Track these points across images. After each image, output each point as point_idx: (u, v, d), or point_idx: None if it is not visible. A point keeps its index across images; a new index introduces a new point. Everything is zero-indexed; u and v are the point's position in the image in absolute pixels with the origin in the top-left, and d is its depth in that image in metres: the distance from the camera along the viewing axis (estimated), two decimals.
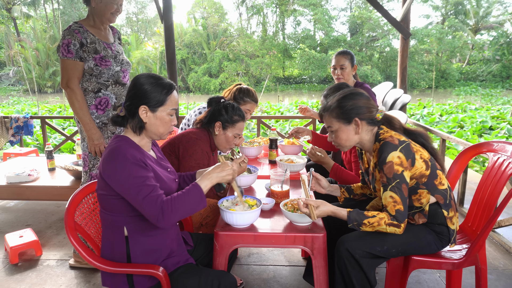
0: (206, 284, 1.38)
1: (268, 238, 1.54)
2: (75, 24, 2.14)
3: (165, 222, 1.29)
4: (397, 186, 1.41)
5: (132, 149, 1.36)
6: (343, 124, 1.53)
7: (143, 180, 1.30)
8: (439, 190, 1.50)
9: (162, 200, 1.30)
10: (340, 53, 2.81)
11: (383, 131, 1.53)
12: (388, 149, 1.42)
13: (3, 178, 3.09)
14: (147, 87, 1.38)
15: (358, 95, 1.54)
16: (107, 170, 1.31)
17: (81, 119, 2.15)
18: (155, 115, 1.40)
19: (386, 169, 1.42)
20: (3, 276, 2.27)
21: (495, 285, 2.14)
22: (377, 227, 1.42)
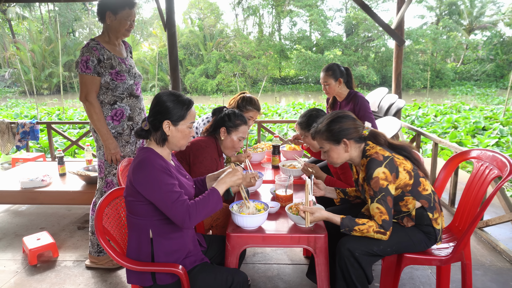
0: (222, 280, 1.55)
1: (275, 238, 1.71)
2: (92, 42, 2.29)
3: (191, 223, 1.48)
4: (382, 198, 1.59)
5: (158, 159, 1.53)
6: (333, 145, 1.72)
7: (172, 187, 1.48)
8: (423, 195, 1.68)
9: (188, 204, 1.48)
10: (323, 70, 2.94)
11: (369, 147, 1.70)
12: (374, 165, 1.60)
13: (17, 184, 3.23)
14: (169, 104, 1.55)
15: (345, 118, 1.72)
16: (138, 178, 1.48)
17: (99, 130, 2.31)
18: (176, 128, 1.57)
19: (373, 183, 1.60)
20: (24, 277, 2.43)
21: (482, 280, 2.32)
22: (366, 233, 1.61)
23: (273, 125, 9.45)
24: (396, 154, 1.70)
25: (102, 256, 2.53)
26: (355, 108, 2.90)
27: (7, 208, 3.66)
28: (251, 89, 26.24)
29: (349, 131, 1.69)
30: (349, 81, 3.02)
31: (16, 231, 3.13)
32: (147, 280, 1.58)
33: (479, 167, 1.88)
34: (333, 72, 2.90)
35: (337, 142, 1.71)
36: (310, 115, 2.28)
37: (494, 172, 1.76)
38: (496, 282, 2.29)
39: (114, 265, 2.52)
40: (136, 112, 2.44)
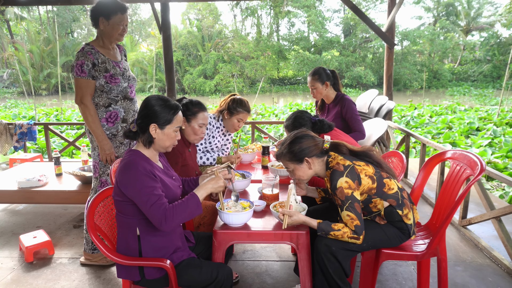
0: (207, 274, 1.64)
1: (259, 235, 1.80)
2: (87, 46, 2.37)
3: (167, 226, 1.55)
4: (350, 205, 1.68)
5: (143, 162, 1.61)
6: (297, 164, 1.81)
7: (151, 190, 1.56)
8: (389, 195, 1.77)
9: (165, 208, 1.56)
10: (310, 75, 3.03)
11: (331, 158, 1.79)
12: (336, 176, 1.69)
13: (14, 184, 3.32)
14: (157, 108, 1.64)
15: (303, 138, 1.80)
16: (123, 180, 1.57)
17: (94, 132, 2.39)
18: (163, 132, 1.66)
19: (338, 193, 1.69)
20: (20, 273, 2.51)
21: (462, 276, 2.41)
22: (341, 238, 1.70)
23: (270, 126, 9.54)
24: (358, 161, 1.79)
25: (97, 253, 2.61)
26: (342, 110, 3.00)
27: (4, 207, 3.74)
28: (249, 89, 26.33)
29: (310, 149, 1.78)
30: (336, 83, 3.11)
31: (13, 229, 3.21)
32: (135, 275, 1.66)
33: (455, 167, 1.97)
34: (320, 76, 2.99)
35: (300, 161, 1.80)
36: (295, 117, 2.37)
37: (467, 172, 1.85)
38: (475, 278, 2.38)
39: (108, 262, 2.60)
40: (130, 114, 2.52)
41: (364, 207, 1.81)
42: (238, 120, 2.78)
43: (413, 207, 1.87)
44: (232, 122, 2.79)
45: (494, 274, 2.43)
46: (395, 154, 2.41)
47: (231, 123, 2.80)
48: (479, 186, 2.75)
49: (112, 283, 2.38)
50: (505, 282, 2.34)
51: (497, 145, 7.69)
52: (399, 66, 25.95)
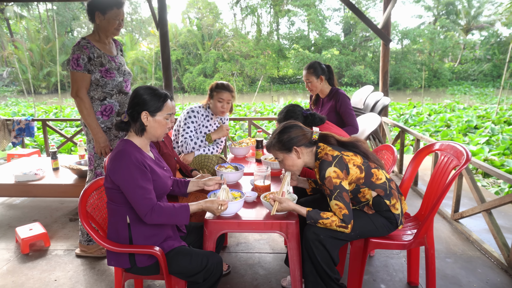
0: (197, 262, 1.66)
1: (249, 224, 1.82)
2: (83, 40, 2.40)
3: (151, 220, 1.60)
4: (339, 195, 1.70)
5: (135, 152, 1.64)
6: (286, 153, 1.84)
7: (141, 183, 1.59)
8: (377, 185, 1.80)
9: (153, 203, 1.60)
10: (305, 69, 3.07)
11: (320, 149, 1.82)
12: (325, 166, 1.72)
13: (11, 177, 3.35)
14: (146, 97, 1.67)
15: (292, 127, 1.84)
16: (113, 168, 1.59)
17: (89, 124, 2.42)
18: (154, 119, 1.69)
19: (327, 183, 1.71)
20: (16, 264, 2.54)
21: (452, 267, 2.44)
22: (329, 227, 1.72)
23: (268, 123, 9.57)
24: (346, 151, 1.81)
25: (92, 245, 2.64)
26: (337, 104, 3.02)
27: (1, 201, 3.77)
28: (249, 88, 26.35)
29: (298, 139, 1.81)
30: (331, 78, 3.14)
31: (10, 222, 3.24)
32: (125, 262, 1.69)
33: (442, 159, 1.99)
34: (315, 70, 3.02)
35: (289, 150, 1.83)
36: (287, 111, 2.40)
37: (454, 162, 1.88)
38: (465, 269, 2.41)
39: (103, 254, 2.63)
40: (125, 108, 2.55)
41: (353, 197, 1.83)
42: (219, 100, 2.82)
43: (401, 197, 1.90)
44: (215, 104, 2.84)
45: (484, 266, 2.45)
46: (386, 148, 2.44)
47: (215, 106, 2.84)
48: (471, 180, 2.78)
49: (106, 274, 2.41)
50: (494, 273, 2.36)
51: (495, 143, 7.71)
52: (399, 65, 25.97)
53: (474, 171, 5.82)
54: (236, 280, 2.32)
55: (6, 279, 2.36)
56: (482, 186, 5.17)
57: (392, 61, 26.77)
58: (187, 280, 1.70)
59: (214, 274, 1.70)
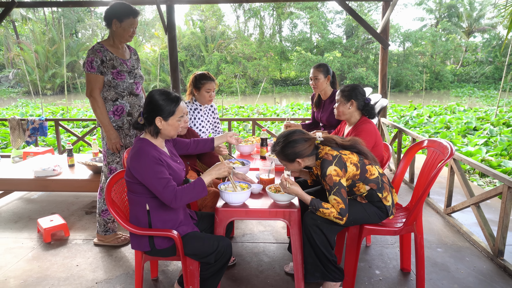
0: (209, 244, 1.87)
1: (256, 212, 2.03)
2: (97, 45, 2.62)
3: (177, 204, 1.79)
4: (337, 191, 1.90)
5: (152, 150, 1.85)
6: (289, 163, 2.04)
7: (161, 175, 1.79)
8: (371, 180, 2.00)
9: (175, 189, 1.80)
10: (315, 66, 3.27)
11: (320, 149, 2.02)
12: (326, 165, 1.92)
13: (31, 173, 3.57)
14: (161, 102, 1.87)
15: (297, 142, 1.99)
16: (134, 166, 1.80)
17: (102, 122, 2.63)
18: (167, 123, 1.90)
19: (327, 180, 1.92)
20: (40, 251, 2.76)
21: (442, 256, 2.63)
22: (327, 216, 1.93)
23: (271, 124, 9.79)
24: (344, 150, 2.00)
25: (109, 235, 2.85)
26: None
27: (20, 195, 4.00)
28: (251, 90, 26.58)
29: (301, 152, 1.99)
30: (333, 81, 3.35)
31: (30, 215, 3.47)
32: (145, 246, 1.91)
33: (430, 154, 2.20)
34: (324, 68, 3.22)
35: (292, 161, 2.03)
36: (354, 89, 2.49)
37: (440, 157, 2.08)
38: (454, 258, 2.61)
39: (119, 243, 2.85)
40: (135, 109, 2.75)
41: (349, 190, 2.04)
42: (207, 91, 3.01)
43: (392, 190, 2.10)
44: (203, 95, 3.01)
45: (472, 255, 2.65)
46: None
47: (202, 97, 3.03)
48: (461, 176, 2.98)
49: (123, 260, 2.62)
50: (481, 261, 2.56)
51: (493, 144, 7.87)
52: (400, 67, 26.14)
53: (472, 171, 6.01)
54: (243, 266, 2.53)
55: (32, 264, 2.58)
56: (479, 185, 5.35)
57: (394, 63, 26.93)
58: (200, 260, 1.90)
59: (224, 256, 1.91)
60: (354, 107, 2.44)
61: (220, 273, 1.96)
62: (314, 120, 3.53)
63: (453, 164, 3.08)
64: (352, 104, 2.44)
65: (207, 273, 1.93)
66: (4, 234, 3.07)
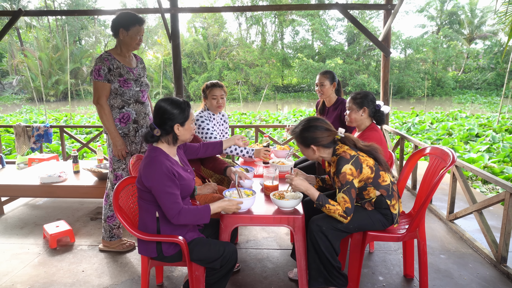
0: (215, 250, 1.90)
1: (260, 219, 2.06)
2: (105, 53, 2.67)
3: (179, 221, 1.83)
4: (347, 190, 1.93)
5: (166, 160, 1.88)
6: (304, 147, 2.08)
7: (171, 190, 1.83)
8: (382, 186, 2.03)
9: (181, 207, 1.83)
10: (322, 73, 3.33)
11: (339, 146, 2.04)
12: (342, 162, 1.94)
13: (37, 179, 3.61)
14: (175, 111, 1.91)
15: (317, 128, 2.03)
16: (146, 175, 1.84)
17: (108, 129, 2.68)
18: (184, 128, 1.95)
19: (341, 177, 1.94)
20: (46, 257, 2.79)
21: (445, 262, 2.65)
22: (332, 213, 1.96)
23: (273, 131, 9.83)
24: (361, 151, 2.03)
25: (114, 241, 2.88)
26: (342, 113, 3.26)
27: (26, 201, 4.03)
28: (253, 96, 26.69)
29: (318, 140, 2.03)
30: (338, 89, 3.41)
31: (36, 221, 3.50)
32: (152, 252, 1.93)
33: (432, 161, 2.23)
34: (330, 75, 3.28)
35: (307, 146, 2.06)
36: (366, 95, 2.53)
37: (442, 164, 2.11)
38: (457, 264, 2.62)
39: (124, 249, 2.87)
40: (141, 116, 2.80)
41: (359, 193, 2.06)
42: (213, 97, 3.06)
43: (399, 200, 2.13)
44: (210, 102, 3.08)
45: (475, 261, 2.66)
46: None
47: (210, 104, 3.09)
48: (464, 183, 3.00)
49: (128, 266, 2.65)
50: (484, 268, 2.57)
51: (495, 150, 7.88)
52: (402, 74, 26.21)
53: (474, 178, 6.01)
54: (247, 272, 2.55)
55: (39, 270, 2.61)
56: (481, 192, 5.36)
57: (395, 70, 27.01)
58: (206, 266, 1.93)
59: (230, 261, 1.93)
60: (366, 114, 2.49)
61: (226, 279, 1.98)
62: None
63: (455, 170, 3.10)
64: (365, 111, 2.49)
65: (213, 278, 1.96)
66: (10, 240, 3.10)
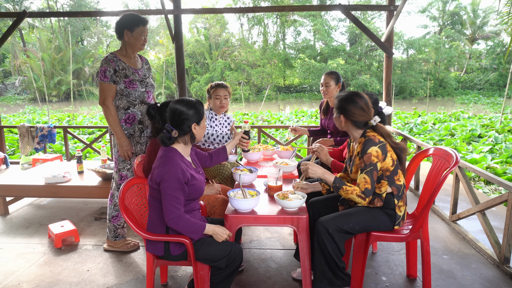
0: (221, 250, 1.92)
1: (265, 219, 2.07)
2: (110, 55, 2.69)
3: (172, 225, 1.84)
4: (370, 171, 1.95)
5: (181, 162, 1.90)
6: (336, 113, 2.13)
7: (178, 194, 1.85)
8: (395, 184, 2.05)
9: (181, 214, 1.85)
10: (327, 73, 3.35)
11: (370, 131, 2.06)
12: (370, 143, 1.97)
13: (41, 179, 3.63)
14: (190, 112, 1.94)
15: (354, 103, 2.04)
16: (159, 173, 1.86)
17: (114, 130, 2.70)
18: (200, 126, 2.00)
19: (365, 158, 1.96)
20: (51, 257, 2.81)
21: (448, 263, 2.66)
22: (350, 194, 1.98)
23: (275, 131, 9.84)
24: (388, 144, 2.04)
25: (118, 241, 2.90)
26: None
27: (30, 202, 4.06)
28: (255, 97, 26.72)
29: (349, 113, 2.05)
30: (342, 90, 3.42)
31: (40, 221, 3.52)
32: (159, 250, 1.95)
33: (436, 162, 2.24)
34: (336, 76, 3.30)
35: (339, 113, 2.11)
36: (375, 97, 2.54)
37: (445, 165, 2.12)
38: (460, 265, 2.63)
39: (128, 249, 2.89)
40: (147, 117, 2.82)
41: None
42: (216, 97, 3.08)
43: (406, 204, 2.14)
44: (214, 102, 3.10)
45: (478, 262, 2.67)
46: None
47: (214, 104, 3.11)
48: (466, 184, 3.00)
49: (133, 266, 2.66)
50: (487, 268, 2.58)
51: (498, 151, 7.87)
52: (404, 74, 26.18)
53: (477, 178, 6.01)
54: (251, 272, 2.56)
55: (44, 269, 2.63)
56: (484, 192, 5.36)
57: (397, 70, 26.98)
58: (212, 265, 1.95)
59: (235, 261, 1.95)
60: None
61: (231, 279, 2.00)
62: (322, 127, 3.59)
63: (458, 171, 3.11)
64: None
65: (218, 277, 1.97)
66: (15, 240, 3.13)
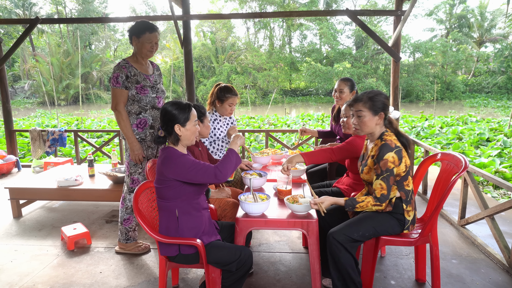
0: (231, 253, 1.95)
1: (275, 222, 2.10)
2: (123, 61, 2.75)
3: (222, 175, 1.90)
4: (387, 177, 1.97)
5: (180, 153, 1.97)
6: (371, 114, 2.06)
7: (194, 162, 1.92)
8: (405, 189, 2.07)
9: (215, 166, 1.92)
10: (342, 80, 3.34)
11: (387, 133, 2.06)
12: (386, 149, 1.97)
13: (54, 183, 3.70)
14: (174, 112, 1.99)
15: (385, 97, 2.07)
16: (168, 168, 1.91)
17: (126, 135, 2.75)
18: (185, 128, 2.01)
19: (382, 164, 1.98)
20: (64, 259, 2.87)
21: (457, 267, 2.66)
22: (366, 208, 2.00)
23: (282, 135, 9.87)
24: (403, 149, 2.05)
25: (130, 243, 2.95)
26: None
27: (42, 204, 4.13)
28: (261, 100, 26.79)
29: (386, 108, 2.06)
30: None
31: (53, 223, 3.59)
32: (173, 251, 2.00)
33: (445, 167, 2.25)
34: (350, 83, 3.30)
35: (375, 113, 2.06)
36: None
37: (454, 169, 2.14)
38: (469, 269, 2.63)
39: (139, 251, 2.94)
40: (158, 122, 2.87)
41: None
42: (229, 105, 3.13)
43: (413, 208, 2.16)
44: (225, 108, 3.13)
45: (487, 266, 2.67)
46: None
47: (224, 109, 3.14)
48: (475, 189, 3.01)
49: (144, 268, 2.71)
50: (496, 273, 2.58)
51: (507, 155, 7.81)
52: (411, 78, 26.08)
53: (485, 183, 5.98)
54: (261, 275, 2.59)
55: (58, 270, 2.69)
56: (493, 197, 5.33)
57: (404, 74, 26.89)
58: (223, 268, 1.98)
59: (245, 265, 1.98)
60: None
61: (241, 282, 2.03)
62: (332, 131, 3.61)
63: (466, 176, 3.11)
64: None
65: (228, 280, 2.01)
66: (29, 242, 3.19)
